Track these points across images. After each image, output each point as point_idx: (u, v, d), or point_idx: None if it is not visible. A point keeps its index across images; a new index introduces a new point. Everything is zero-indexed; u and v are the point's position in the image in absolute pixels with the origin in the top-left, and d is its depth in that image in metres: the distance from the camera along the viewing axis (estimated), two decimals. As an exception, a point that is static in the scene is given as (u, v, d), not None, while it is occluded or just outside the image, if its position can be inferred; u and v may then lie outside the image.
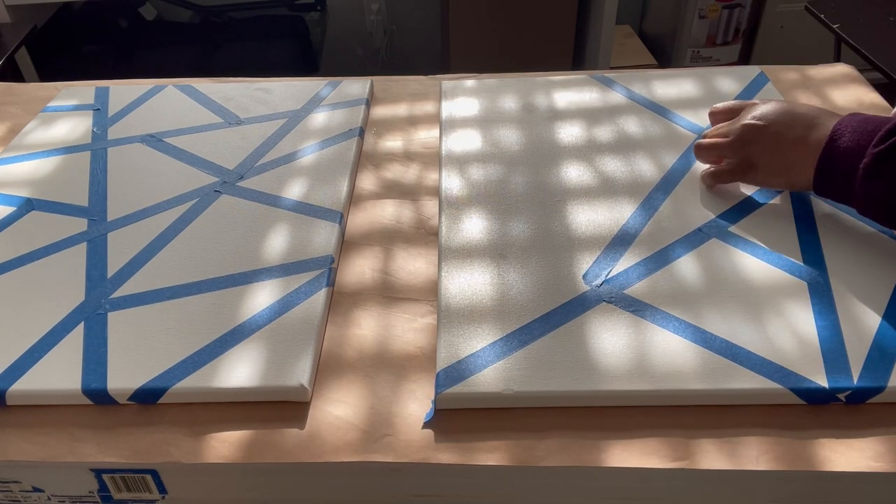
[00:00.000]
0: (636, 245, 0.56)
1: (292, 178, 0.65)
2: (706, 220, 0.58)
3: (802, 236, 0.56)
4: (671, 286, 0.52)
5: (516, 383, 0.45)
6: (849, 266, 0.53)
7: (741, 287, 0.51)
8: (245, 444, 0.44)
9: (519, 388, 0.45)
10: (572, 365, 0.46)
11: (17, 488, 0.46)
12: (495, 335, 0.49)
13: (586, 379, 0.45)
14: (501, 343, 0.48)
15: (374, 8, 2.00)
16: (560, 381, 0.45)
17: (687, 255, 0.54)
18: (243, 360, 0.48)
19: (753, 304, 0.50)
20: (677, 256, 0.54)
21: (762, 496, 0.43)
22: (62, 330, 0.50)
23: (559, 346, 0.48)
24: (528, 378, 0.46)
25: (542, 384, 0.45)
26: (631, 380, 0.45)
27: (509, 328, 0.49)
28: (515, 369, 0.46)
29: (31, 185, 0.65)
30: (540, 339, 0.48)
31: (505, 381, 0.45)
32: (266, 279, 0.54)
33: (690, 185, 0.62)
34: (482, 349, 0.48)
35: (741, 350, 0.47)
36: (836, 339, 0.47)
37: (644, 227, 0.57)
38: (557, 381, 0.45)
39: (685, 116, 0.71)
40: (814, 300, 0.50)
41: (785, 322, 0.49)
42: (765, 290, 0.51)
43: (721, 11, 1.91)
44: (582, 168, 0.64)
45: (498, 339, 0.48)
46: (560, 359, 0.47)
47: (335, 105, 0.75)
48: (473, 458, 0.43)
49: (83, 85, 0.82)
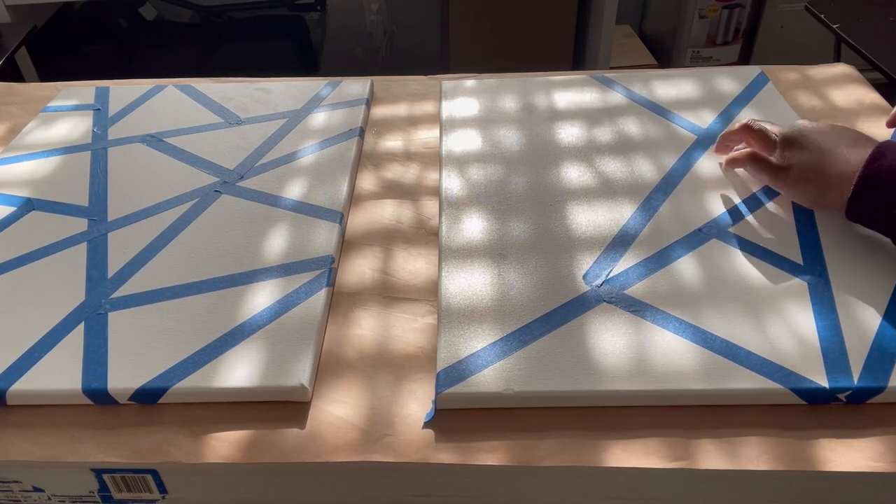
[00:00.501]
0: (636, 245, 0.56)
1: (292, 178, 0.65)
2: (706, 221, 0.58)
3: (802, 236, 0.56)
4: (671, 286, 0.52)
5: (516, 383, 0.45)
6: (849, 266, 0.53)
7: (741, 287, 0.51)
8: (245, 444, 0.44)
9: (519, 388, 0.45)
10: (572, 365, 0.46)
11: (18, 488, 0.46)
12: (495, 335, 0.49)
13: (586, 379, 0.45)
14: (502, 343, 0.48)
15: (374, 8, 2.01)
16: (560, 381, 0.45)
17: (687, 255, 0.54)
18: (243, 360, 0.48)
19: (753, 305, 0.50)
20: (677, 257, 0.54)
21: (762, 496, 0.43)
22: (62, 330, 0.50)
23: (559, 346, 0.48)
24: (528, 378, 0.46)
25: (543, 384, 0.45)
26: (631, 380, 0.45)
27: (509, 328, 0.49)
28: (516, 369, 0.46)
29: (32, 185, 0.65)
30: (540, 339, 0.48)
31: (505, 381, 0.45)
32: (266, 279, 0.54)
33: (690, 186, 0.62)
34: (482, 349, 0.48)
35: (741, 350, 0.47)
36: (837, 338, 0.47)
37: (644, 228, 0.57)
38: (557, 381, 0.45)
39: (685, 117, 0.71)
40: (814, 300, 0.50)
41: (785, 322, 0.49)
42: (765, 290, 0.51)
43: (721, 11, 1.91)
44: (582, 168, 0.64)
45: (498, 339, 0.48)
46: (560, 359, 0.47)
47: (335, 105, 0.75)
48: (473, 458, 0.43)
49: (83, 85, 0.82)
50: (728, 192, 0.61)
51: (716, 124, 0.70)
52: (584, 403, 0.45)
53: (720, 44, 1.96)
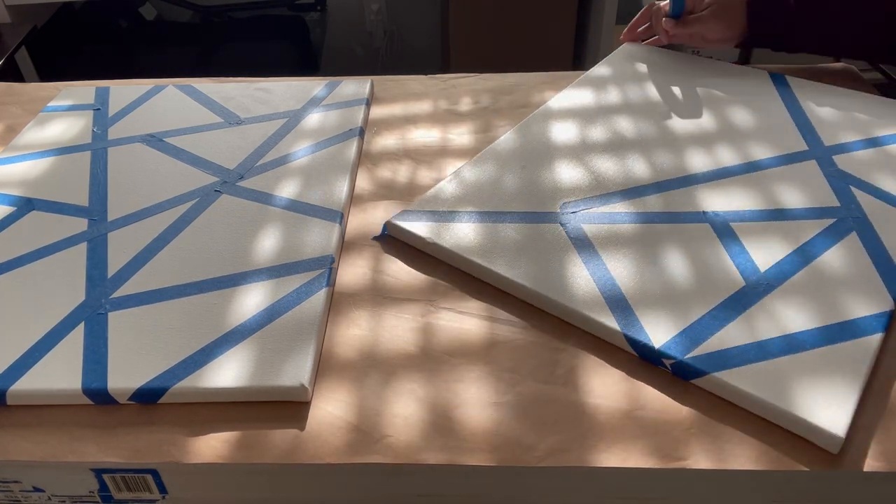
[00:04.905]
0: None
1: (292, 178, 0.65)
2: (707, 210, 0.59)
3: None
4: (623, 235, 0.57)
5: (455, 241, 0.56)
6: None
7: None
8: (245, 445, 0.44)
9: (443, 244, 0.56)
10: (514, 252, 0.56)
11: (18, 488, 0.46)
12: (475, 208, 0.60)
13: (498, 260, 0.55)
14: (478, 216, 0.59)
15: (374, 8, 2.01)
16: (478, 257, 0.55)
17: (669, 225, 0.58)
18: (243, 360, 0.48)
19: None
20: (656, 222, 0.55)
21: (762, 496, 0.43)
22: (62, 330, 0.50)
23: (514, 232, 0.57)
24: (467, 242, 0.56)
25: (463, 247, 0.57)
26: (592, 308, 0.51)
27: (489, 209, 0.60)
28: (471, 235, 0.57)
29: (32, 185, 0.65)
30: (508, 224, 0.58)
31: (449, 237, 0.57)
32: (266, 279, 0.54)
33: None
34: (464, 212, 0.60)
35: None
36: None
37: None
38: (483, 253, 0.55)
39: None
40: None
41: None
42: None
43: (721, 11, 1.91)
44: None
45: (475, 211, 0.60)
46: (506, 242, 0.56)
47: (335, 105, 0.75)
48: (474, 459, 0.43)
49: (83, 85, 0.82)
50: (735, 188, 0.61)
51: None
52: (490, 280, 0.54)
53: (720, 44, 1.96)
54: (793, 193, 0.60)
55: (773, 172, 0.63)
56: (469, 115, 0.76)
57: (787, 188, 0.61)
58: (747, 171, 0.63)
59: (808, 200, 0.59)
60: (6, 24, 1.46)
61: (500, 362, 0.49)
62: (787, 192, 0.60)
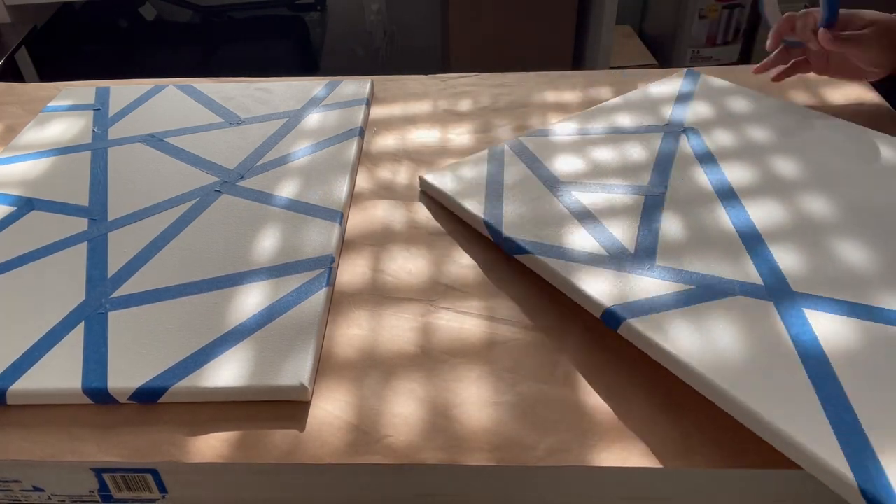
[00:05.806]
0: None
1: (292, 178, 0.65)
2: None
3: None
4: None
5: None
6: None
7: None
8: (245, 444, 0.44)
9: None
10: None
11: (18, 488, 0.46)
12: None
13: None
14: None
15: (374, 8, 2.01)
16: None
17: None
18: (243, 360, 0.48)
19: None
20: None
21: (762, 496, 0.43)
22: (62, 329, 0.50)
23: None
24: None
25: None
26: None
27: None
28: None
29: (32, 185, 0.65)
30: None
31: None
32: (266, 279, 0.54)
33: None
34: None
35: None
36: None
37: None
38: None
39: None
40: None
41: None
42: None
43: (721, 11, 1.91)
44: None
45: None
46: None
47: (335, 105, 0.75)
48: (474, 459, 0.43)
49: (83, 85, 0.82)
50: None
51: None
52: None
53: (720, 44, 1.96)
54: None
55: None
56: (469, 115, 0.77)
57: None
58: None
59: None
60: (6, 24, 1.46)
61: (499, 362, 0.49)
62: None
